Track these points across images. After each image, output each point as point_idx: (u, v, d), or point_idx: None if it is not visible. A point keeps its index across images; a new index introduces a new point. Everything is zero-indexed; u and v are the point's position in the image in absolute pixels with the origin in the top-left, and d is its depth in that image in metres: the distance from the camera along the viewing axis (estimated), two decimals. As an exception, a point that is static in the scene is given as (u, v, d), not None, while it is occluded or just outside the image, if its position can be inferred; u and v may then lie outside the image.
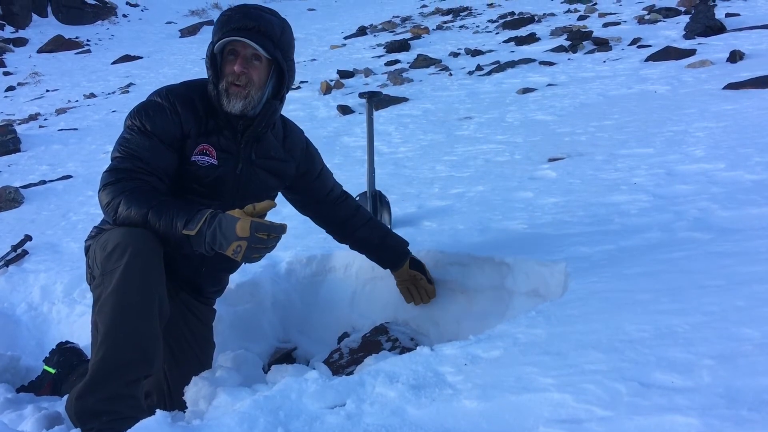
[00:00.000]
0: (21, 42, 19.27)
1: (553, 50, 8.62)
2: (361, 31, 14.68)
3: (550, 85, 6.67)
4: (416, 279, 2.53)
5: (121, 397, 1.72)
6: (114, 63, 15.92)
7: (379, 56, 11.06)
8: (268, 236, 1.76)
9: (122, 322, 1.75)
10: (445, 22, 13.91)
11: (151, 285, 1.82)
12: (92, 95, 11.72)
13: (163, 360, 1.91)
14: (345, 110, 7.16)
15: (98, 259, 1.87)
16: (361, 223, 2.50)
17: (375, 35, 14.10)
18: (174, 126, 2.00)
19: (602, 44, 8.24)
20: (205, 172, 2.04)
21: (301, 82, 9.18)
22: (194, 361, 2.20)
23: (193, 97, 2.05)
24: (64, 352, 2.50)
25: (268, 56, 1.99)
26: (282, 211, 2.53)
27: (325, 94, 8.39)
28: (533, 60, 8.16)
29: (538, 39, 9.69)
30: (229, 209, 1.83)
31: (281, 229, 1.79)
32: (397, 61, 10.10)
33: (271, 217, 1.90)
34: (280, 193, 2.40)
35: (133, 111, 2.03)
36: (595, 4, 11.78)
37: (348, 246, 2.57)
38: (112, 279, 1.78)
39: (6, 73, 15.99)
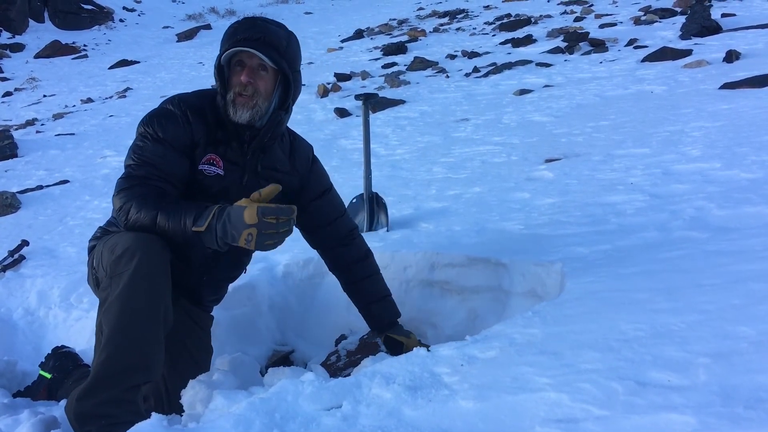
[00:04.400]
0: (18, 47, 19.26)
1: (550, 52, 8.64)
2: (358, 34, 14.71)
3: (546, 86, 6.68)
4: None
5: (120, 402, 1.73)
6: (111, 68, 15.91)
7: (376, 59, 11.07)
8: (277, 220, 1.74)
9: (126, 326, 1.76)
10: (442, 25, 13.93)
11: (157, 291, 1.82)
12: (89, 100, 11.70)
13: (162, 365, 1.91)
14: (342, 113, 7.16)
15: (105, 261, 1.88)
16: (366, 273, 2.35)
17: (372, 38, 14.12)
18: (185, 134, 2.01)
19: (599, 45, 8.26)
20: (210, 182, 2.04)
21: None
22: (192, 365, 2.19)
23: (204, 106, 2.06)
24: (60, 357, 2.49)
25: (274, 66, 1.98)
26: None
27: (322, 97, 8.39)
28: (530, 61, 8.17)
29: (534, 41, 9.71)
30: None
31: (289, 210, 1.75)
32: (394, 64, 10.11)
33: None
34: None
35: (145, 119, 2.03)
36: (592, 5, 11.80)
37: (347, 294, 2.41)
38: (120, 283, 1.79)
39: (3, 79, 15.97)
